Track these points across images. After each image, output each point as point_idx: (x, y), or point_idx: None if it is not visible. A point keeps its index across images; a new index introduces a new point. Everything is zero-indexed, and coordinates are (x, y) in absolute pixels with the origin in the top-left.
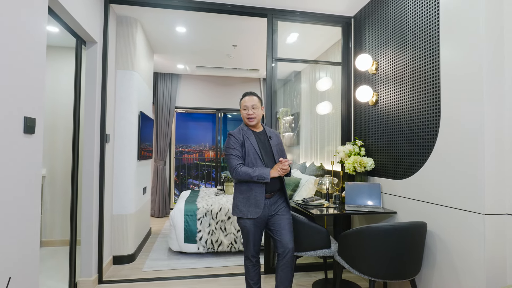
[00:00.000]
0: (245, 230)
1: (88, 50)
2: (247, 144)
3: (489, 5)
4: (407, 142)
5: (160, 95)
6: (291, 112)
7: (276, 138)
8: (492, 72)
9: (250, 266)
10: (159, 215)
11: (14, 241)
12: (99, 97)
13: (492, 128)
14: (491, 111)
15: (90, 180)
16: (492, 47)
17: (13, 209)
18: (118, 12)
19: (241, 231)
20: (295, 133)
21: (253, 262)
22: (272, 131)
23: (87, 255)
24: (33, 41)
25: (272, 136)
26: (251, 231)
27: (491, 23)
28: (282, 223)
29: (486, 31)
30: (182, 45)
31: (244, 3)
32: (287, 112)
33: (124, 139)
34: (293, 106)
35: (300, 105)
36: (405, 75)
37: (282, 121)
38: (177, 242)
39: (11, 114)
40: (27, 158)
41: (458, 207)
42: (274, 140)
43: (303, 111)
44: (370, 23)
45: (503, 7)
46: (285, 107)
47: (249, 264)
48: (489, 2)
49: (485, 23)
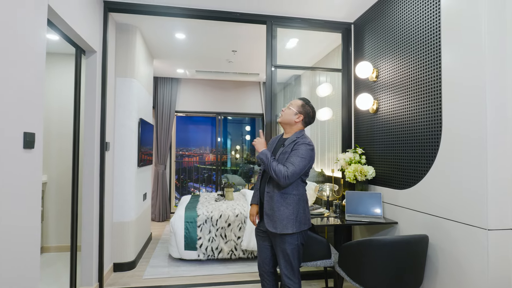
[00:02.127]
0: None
1: (87, 59)
2: (268, 148)
3: (491, 11)
4: (409, 151)
5: (160, 99)
6: None
7: (291, 145)
8: (494, 81)
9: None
10: (159, 219)
11: (15, 251)
12: (98, 105)
13: (495, 140)
14: (493, 121)
15: (91, 188)
16: (495, 54)
17: (14, 220)
18: (117, 19)
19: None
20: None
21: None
22: (294, 139)
23: (88, 263)
24: (32, 55)
25: (287, 143)
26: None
27: (493, 30)
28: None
29: (489, 38)
30: (181, 51)
31: (244, 10)
32: None
33: (124, 146)
34: None
35: None
36: (406, 83)
37: None
38: (177, 249)
39: (10, 130)
40: (27, 172)
41: (460, 220)
42: (286, 148)
43: None
44: (371, 30)
45: (506, 14)
46: None
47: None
48: (491, 8)
49: (487, 30)
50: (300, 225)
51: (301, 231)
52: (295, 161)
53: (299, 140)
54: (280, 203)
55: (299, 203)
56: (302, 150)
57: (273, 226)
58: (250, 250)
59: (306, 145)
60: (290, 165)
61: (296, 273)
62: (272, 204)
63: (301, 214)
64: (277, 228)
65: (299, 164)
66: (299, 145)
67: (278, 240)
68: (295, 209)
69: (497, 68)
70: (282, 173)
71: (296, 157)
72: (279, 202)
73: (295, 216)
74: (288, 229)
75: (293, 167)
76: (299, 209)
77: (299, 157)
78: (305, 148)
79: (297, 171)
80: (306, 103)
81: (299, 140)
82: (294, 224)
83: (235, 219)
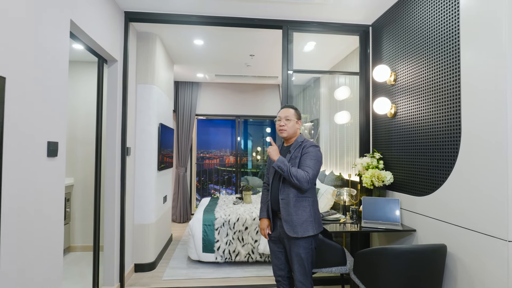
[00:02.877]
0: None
1: (109, 68)
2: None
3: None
4: (428, 157)
5: (181, 103)
6: (310, 118)
7: (298, 150)
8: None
9: None
10: (180, 221)
11: (39, 252)
12: (119, 112)
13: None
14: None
15: (112, 191)
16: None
17: (39, 224)
18: (138, 28)
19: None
20: (314, 140)
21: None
22: (301, 145)
23: (109, 264)
24: (56, 69)
25: (293, 150)
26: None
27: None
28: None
29: (509, 41)
30: (200, 56)
31: (259, 16)
32: (306, 119)
33: (144, 151)
34: (312, 112)
35: (320, 112)
36: (425, 86)
37: (302, 128)
38: (196, 251)
39: (35, 140)
40: (51, 179)
41: (480, 230)
42: (294, 153)
43: (323, 117)
44: (388, 32)
45: None
46: (304, 114)
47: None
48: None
49: (508, 33)
50: (318, 226)
51: (315, 234)
52: (311, 164)
53: (305, 144)
54: (297, 207)
55: (314, 205)
56: (313, 152)
57: (293, 231)
58: (267, 253)
59: (314, 146)
60: (308, 169)
61: (309, 277)
62: (289, 209)
63: (317, 216)
64: (298, 232)
65: (315, 167)
66: (308, 148)
67: (292, 245)
68: (312, 211)
69: None
70: (304, 177)
71: (311, 160)
72: (296, 206)
73: (313, 218)
74: (309, 231)
75: (312, 170)
76: (315, 211)
77: (313, 159)
78: (314, 150)
79: (315, 173)
80: (295, 108)
81: (305, 143)
82: (314, 226)
83: (252, 223)
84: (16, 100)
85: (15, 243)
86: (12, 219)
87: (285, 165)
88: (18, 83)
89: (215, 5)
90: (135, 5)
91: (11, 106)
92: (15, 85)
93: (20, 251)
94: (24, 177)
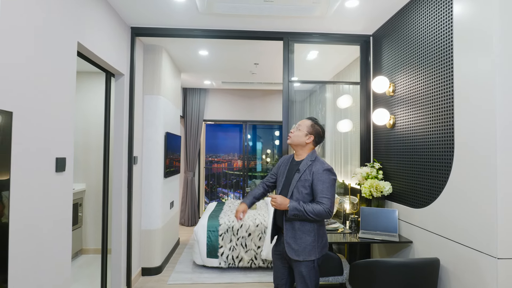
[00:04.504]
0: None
1: (116, 82)
2: (280, 170)
3: (503, 31)
4: (425, 169)
5: (189, 109)
6: None
7: (307, 171)
8: (506, 96)
9: None
10: (188, 224)
11: (49, 258)
12: (126, 123)
13: (506, 161)
14: (504, 140)
15: (119, 199)
16: (507, 65)
17: (48, 234)
18: (144, 41)
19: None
20: (320, 145)
21: None
22: (311, 166)
23: (117, 268)
24: (63, 89)
25: (303, 169)
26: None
27: (505, 41)
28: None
29: (500, 48)
30: (206, 65)
31: (260, 28)
32: None
33: (151, 159)
34: (318, 118)
35: (325, 117)
36: (421, 98)
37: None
38: (200, 256)
39: (44, 157)
40: (59, 193)
41: (471, 246)
42: (304, 174)
43: (328, 123)
44: (388, 43)
45: None
46: None
47: None
48: (503, 28)
49: (499, 42)
50: (321, 250)
51: (318, 258)
52: (327, 192)
53: (317, 166)
54: (301, 231)
55: (319, 228)
56: (326, 178)
57: (296, 254)
58: (270, 260)
59: (327, 171)
60: (325, 199)
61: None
62: (294, 233)
63: (322, 240)
64: (300, 256)
65: (332, 193)
66: (321, 174)
67: (294, 264)
68: (317, 235)
69: (507, 88)
70: (322, 212)
71: (326, 188)
72: (300, 230)
73: (317, 243)
74: (312, 256)
75: (329, 199)
76: (320, 235)
77: (327, 185)
78: (327, 175)
79: (333, 200)
80: (315, 123)
81: (317, 165)
82: (317, 250)
83: (255, 229)
84: (24, 125)
85: (25, 264)
86: (22, 235)
87: (299, 210)
88: (26, 109)
89: (217, 19)
90: (140, 21)
91: (20, 131)
92: (24, 112)
93: (30, 265)
94: (33, 193)
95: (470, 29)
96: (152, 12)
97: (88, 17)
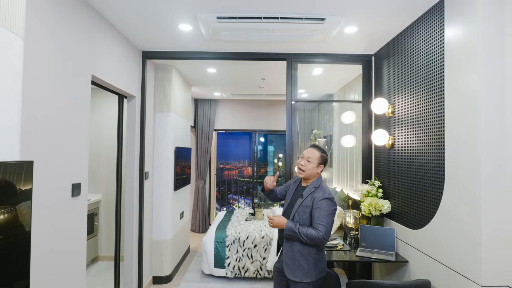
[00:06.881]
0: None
1: (128, 103)
2: (289, 190)
3: (488, 50)
4: (420, 191)
5: (200, 119)
6: (323, 134)
7: (309, 197)
8: (490, 121)
9: None
10: (199, 231)
11: (66, 272)
12: (138, 142)
13: (490, 188)
14: (489, 168)
15: (131, 213)
16: (491, 91)
17: (65, 253)
18: (155, 61)
19: None
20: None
21: None
22: (313, 193)
23: (128, 276)
24: (79, 121)
25: (305, 196)
26: None
27: (489, 70)
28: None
29: (484, 77)
30: (214, 80)
31: (265, 50)
32: (320, 134)
33: (162, 174)
34: (326, 128)
35: (333, 128)
36: (416, 120)
37: (316, 143)
38: (208, 266)
39: (61, 182)
40: (74, 216)
41: (458, 271)
42: (306, 200)
43: (336, 134)
44: (388, 64)
45: (504, 50)
46: (319, 129)
47: None
48: (487, 47)
49: (483, 72)
50: (319, 273)
51: (314, 280)
52: (323, 220)
53: (319, 193)
54: (300, 253)
55: (318, 253)
56: (325, 206)
57: (293, 275)
58: None
59: (327, 200)
60: (320, 226)
61: None
62: (293, 254)
63: (319, 264)
64: (296, 276)
65: (328, 221)
66: (320, 202)
67: (292, 283)
68: (315, 259)
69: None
70: (316, 238)
71: (323, 216)
72: (299, 253)
73: (314, 267)
74: (307, 278)
75: (324, 227)
76: (318, 259)
77: (324, 213)
78: (326, 203)
79: (328, 228)
80: (322, 152)
81: (319, 193)
82: (313, 273)
83: (261, 241)
84: (44, 165)
85: (45, 270)
86: (43, 259)
87: (294, 232)
88: (44, 153)
89: (222, 44)
90: (151, 46)
91: (39, 171)
92: (42, 147)
93: (50, 271)
94: (52, 218)
95: (459, 51)
96: (161, 39)
97: (101, 48)
